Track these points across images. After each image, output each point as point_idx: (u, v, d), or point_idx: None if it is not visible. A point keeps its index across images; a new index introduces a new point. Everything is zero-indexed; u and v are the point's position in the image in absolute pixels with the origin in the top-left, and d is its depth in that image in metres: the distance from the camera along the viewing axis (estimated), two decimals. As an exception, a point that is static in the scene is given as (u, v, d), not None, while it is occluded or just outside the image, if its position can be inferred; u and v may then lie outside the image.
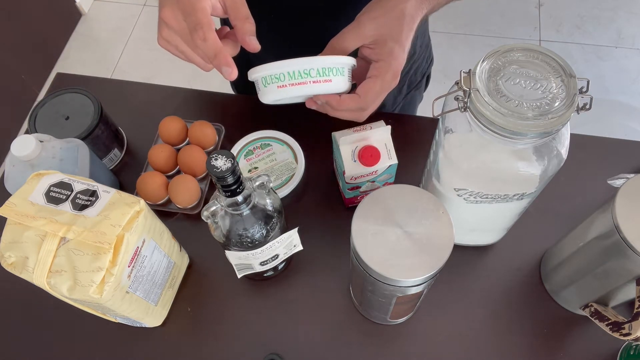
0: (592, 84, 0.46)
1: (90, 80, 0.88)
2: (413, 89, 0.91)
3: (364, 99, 0.51)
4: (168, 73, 2.03)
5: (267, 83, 0.51)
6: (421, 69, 0.89)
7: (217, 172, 0.46)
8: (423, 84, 0.94)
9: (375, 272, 0.46)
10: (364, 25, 0.50)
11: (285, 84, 0.50)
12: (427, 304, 0.64)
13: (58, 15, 2.12)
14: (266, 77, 0.51)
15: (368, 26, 0.50)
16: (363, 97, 0.51)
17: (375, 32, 0.50)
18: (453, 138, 0.52)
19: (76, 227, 0.51)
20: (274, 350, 0.63)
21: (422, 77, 0.91)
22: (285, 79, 0.49)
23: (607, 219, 0.50)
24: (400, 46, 0.50)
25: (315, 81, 0.49)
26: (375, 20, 0.50)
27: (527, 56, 0.47)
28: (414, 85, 0.91)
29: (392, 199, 0.50)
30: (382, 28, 0.50)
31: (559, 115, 0.44)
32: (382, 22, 0.50)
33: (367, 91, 0.51)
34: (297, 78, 0.49)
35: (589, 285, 0.58)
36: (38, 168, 0.61)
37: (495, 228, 0.65)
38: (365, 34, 0.50)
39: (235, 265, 0.61)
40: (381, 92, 0.51)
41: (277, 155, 0.75)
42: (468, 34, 2.05)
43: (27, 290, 0.57)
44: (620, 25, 2.06)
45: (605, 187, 0.69)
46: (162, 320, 0.65)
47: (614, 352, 0.62)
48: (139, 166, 0.77)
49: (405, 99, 0.91)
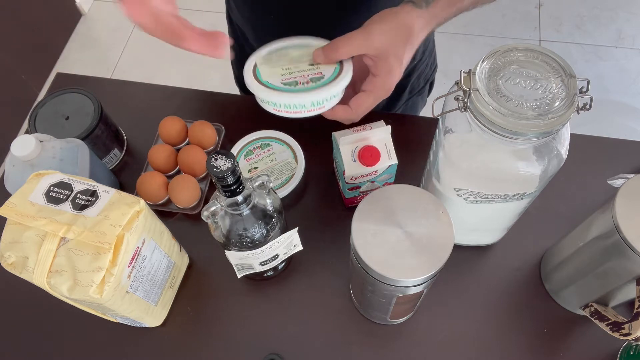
0: (592, 84, 0.46)
1: (90, 80, 0.88)
2: (415, 95, 0.91)
3: (355, 111, 0.52)
4: (168, 73, 2.04)
5: (263, 102, 0.52)
6: (424, 74, 0.89)
7: (217, 172, 0.46)
8: (426, 89, 0.93)
9: (375, 272, 0.46)
10: (373, 36, 0.50)
11: (281, 110, 0.51)
12: (427, 304, 0.64)
13: (58, 15, 2.12)
14: (262, 99, 0.51)
15: (377, 38, 0.50)
16: (354, 110, 0.52)
17: (381, 45, 0.50)
18: (453, 138, 0.52)
19: (76, 227, 0.51)
20: (274, 350, 0.63)
21: (425, 82, 0.91)
22: (282, 108, 0.51)
23: (607, 219, 0.50)
24: (400, 64, 0.51)
25: (310, 110, 0.51)
26: (385, 34, 0.50)
27: (527, 56, 0.48)
28: (417, 90, 0.90)
29: (392, 199, 0.50)
30: (389, 42, 0.50)
31: (559, 115, 0.44)
32: (390, 36, 0.50)
33: (359, 105, 0.52)
34: (293, 108, 0.51)
35: (589, 285, 0.58)
36: (38, 168, 0.61)
37: (495, 228, 0.65)
38: (373, 46, 0.50)
39: (235, 265, 0.61)
40: (372, 106, 0.53)
41: (277, 155, 0.75)
42: (468, 34, 2.05)
43: (27, 290, 0.57)
44: (620, 25, 2.07)
45: (605, 187, 0.69)
46: (162, 320, 0.65)
47: (614, 352, 0.62)
48: (139, 166, 0.77)
49: (407, 104, 0.91)
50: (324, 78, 0.50)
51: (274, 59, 0.53)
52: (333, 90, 0.50)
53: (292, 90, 0.49)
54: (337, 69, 0.52)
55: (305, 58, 0.52)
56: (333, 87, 0.50)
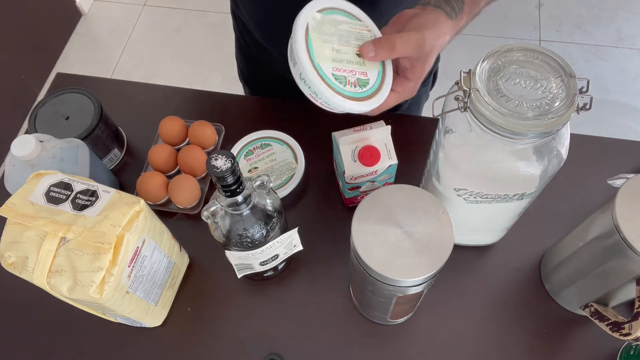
0: (592, 84, 0.46)
1: (90, 80, 0.88)
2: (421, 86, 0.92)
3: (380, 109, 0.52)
4: (168, 73, 2.04)
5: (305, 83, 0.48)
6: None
7: (217, 172, 0.46)
8: (430, 80, 0.95)
9: (375, 272, 0.46)
10: (427, 41, 0.49)
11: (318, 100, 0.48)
12: (427, 304, 0.64)
13: (58, 15, 2.12)
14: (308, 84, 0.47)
15: (429, 44, 0.49)
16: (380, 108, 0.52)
17: (428, 52, 0.50)
18: (453, 138, 0.52)
19: (76, 227, 0.51)
20: (274, 350, 0.63)
21: (430, 73, 0.92)
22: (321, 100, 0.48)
23: (607, 219, 0.50)
24: (426, 71, 0.52)
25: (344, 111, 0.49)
26: (433, 42, 0.50)
27: (527, 56, 0.47)
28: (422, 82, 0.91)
29: (392, 199, 0.50)
30: (433, 50, 0.50)
31: (559, 115, 0.44)
32: (435, 44, 0.50)
33: (385, 104, 0.52)
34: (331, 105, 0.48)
35: (589, 285, 0.58)
36: (38, 168, 0.61)
37: (495, 228, 0.65)
38: (424, 51, 0.50)
39: (235, 265, 0.61)
40: (395, 104, 0.53)
41: (277, 155, 0.75)
42: (468, 34, 2.05)
43: (27, 290, 0.57)
44: (620, 25, 2.06)
45: (605, 187, 0.69)
46: (162, 320, 0.65)
47: (614, 352, 0.62)
48: (139, 166, 0.77)
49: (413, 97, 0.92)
50: (369, 84, 0.49)
51: (326, 27, 0.49)
52: (374, 103, 0.49)
53: (339, 90, 0.47)
54: (380, 72, 0.50)
55: (353, 39, 0.49)
56: (375, 101, 0.49)
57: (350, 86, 0.47)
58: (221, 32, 2.15)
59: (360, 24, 0.50)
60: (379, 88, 0.50)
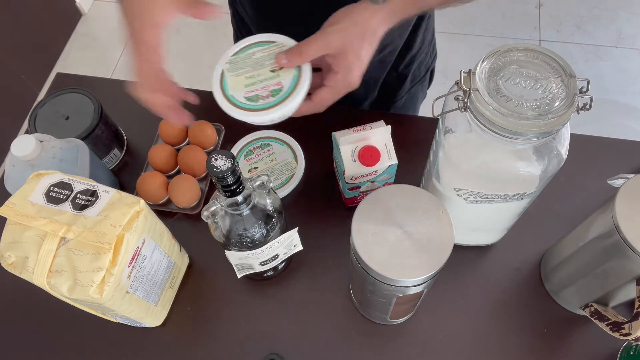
0: (592, 84, 0.46)
1: (90, 80, 0.88)
2: (417, 83, 0.92)
3: (318, 106, 0.55)
4: (168, 73, 2.03)
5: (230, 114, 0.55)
6: (425, 63, 0.90)
7: (217, 172, 0.46)
8: (427, 78, 0.95)
9: (375, 272, 0.46)
10: (330, 36, 0.53)
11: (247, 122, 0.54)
12: (427, 304, 0.64)
13: (58, 15, 2.12)
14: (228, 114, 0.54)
15: (334, 37, 0.53)
16: (318, 105, 0.55)
17: (339, 43, 0.53)
18: (453, 138, 0.52)
19: (76, 227, 0.51)
20: (274, 350, 0.63)
21: (426, 71, 0.92)
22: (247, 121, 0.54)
23: (607, 219, 0.50)
24: (359, 61, 0.54)
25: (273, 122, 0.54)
26: (341, 33, 0.53)
27: (527, 56, 0.47)
28: (418, 79, 0.92)
29: (392, 199, 0.50)
30: (344, 41, 0.53)
31: (559, 115, 0.44)
32: (345, 35, 0.53)
33: (321, 100, 0.55)
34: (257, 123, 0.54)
35: (589, 285, 0.58)
36: (38, 168, 0.61)
37: (495, 228, 0.65)
38: (331, 45, 0.53)
39: (235, 265, 0.61)
40: (334, 100, 0.56)
41: (277, 155, 0.75)
42: (468, 34, 2.05)
43: (27, 290, 0.57)
44: (620, 25, 2.06)
45: (605, 187, 0.69)
46: (162, 320, 0.65)
47: (614, 352, 0.62)
48: (139, 166, 0.77)
49: (408, 93, 0.92)
50: (282, 90, 0.53)
51: (240, 63, 0.55)
52: (291, 105, 0.52)
53: (253, 108, 0.52)
54: (296, 76, 0.54)
55: (267, 61, 0.55)
56: (290, 102, 0.52)
57: (263, 100, 0.53)
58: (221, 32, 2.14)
59: (274, 45, 0.56)
60: (295, 88, 0.53)
